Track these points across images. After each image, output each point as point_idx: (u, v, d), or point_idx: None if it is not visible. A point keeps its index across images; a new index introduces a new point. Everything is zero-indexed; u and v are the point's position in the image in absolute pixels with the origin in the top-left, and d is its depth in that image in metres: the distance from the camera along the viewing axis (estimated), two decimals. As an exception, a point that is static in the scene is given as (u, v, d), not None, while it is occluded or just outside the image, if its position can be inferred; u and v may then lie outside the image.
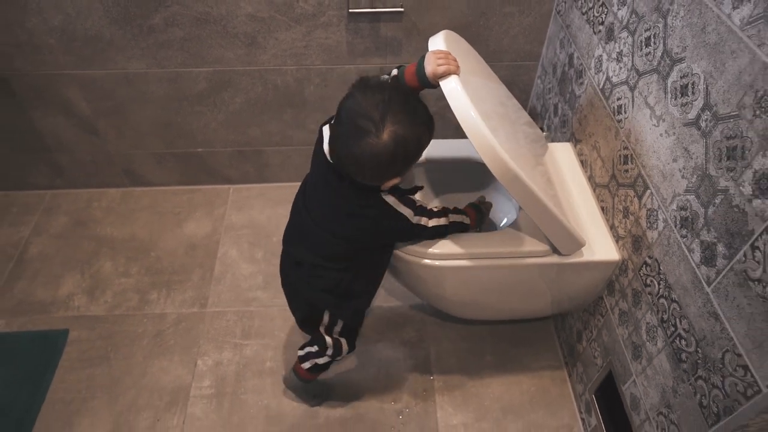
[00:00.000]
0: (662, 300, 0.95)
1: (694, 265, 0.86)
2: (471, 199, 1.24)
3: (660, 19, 0.93)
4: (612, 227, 1.14)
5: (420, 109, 0.91)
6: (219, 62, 1.52)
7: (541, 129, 1.57)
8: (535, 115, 1.64)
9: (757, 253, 0.72)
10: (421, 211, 1.01)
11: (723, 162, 0.78)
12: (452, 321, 1.53)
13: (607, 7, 1.14)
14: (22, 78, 1.52)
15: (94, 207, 1.83)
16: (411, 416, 1.36)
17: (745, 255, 0.74)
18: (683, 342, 0.89)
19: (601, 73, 1.17)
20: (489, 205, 1.22)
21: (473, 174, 1.32)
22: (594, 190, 1.23)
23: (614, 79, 1.11)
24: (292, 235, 1.11)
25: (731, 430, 0.79)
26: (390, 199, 0.96)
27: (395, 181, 0.92)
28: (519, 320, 1.52)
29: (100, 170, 1.81)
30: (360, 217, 0.97)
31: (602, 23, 1.16)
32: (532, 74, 1.61)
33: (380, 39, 1.50)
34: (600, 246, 1.12)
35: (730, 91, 0.76)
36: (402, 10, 1.40)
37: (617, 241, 1.12)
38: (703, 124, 0.82)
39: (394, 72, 1.00)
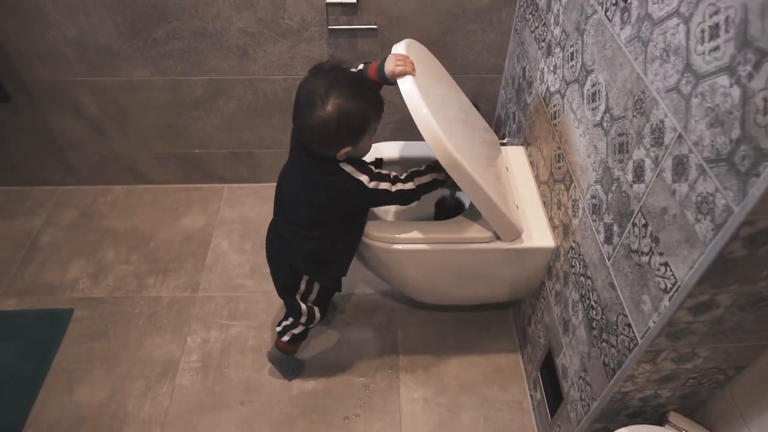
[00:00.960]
0: (581, 278, 1.10)
1: (600, 244, 1.01)
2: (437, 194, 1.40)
3: (579, 37, 1.10)
4: (550, 219, 1.29)
5: (362, 87, 1.06)
6: (214, 71, 1.70)
7: (504, 136, 1.73)
8: (501, 123, 1.80)
9: (635, 229, 0.87)
10: (379, 176, 1.13)
11: (616, 155, 0.94)
12: (419, 308, 1.68)
13: (546, 27, 1.30)
14: (41, 83, 1.71)
15: (100, 202, 2.01)
16: (376, 390, 1.50)
17: (629, 231, 0.89)
18: (593, 312, 1.04)
19: (543, 84, 1.33)
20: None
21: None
22: (538, 187, 1.38)
23: (551, 89, 1.27)
24: (275, 211, 1.29)
25: (623, 380, 0.93)
26: (348, 168, 1.11)
27: (346, 149, 1.07)
28: (480, 307, 1.66)
29: (107, 168, 1.99)
30: (325, 185, 1.13)
31: (544, 40, 1.32)
32: (496, 86, 1.78)
33: (358, 52, 1.67)
34: (539, 235, 1.28)
35: (620, 96, 0.92)
36: (376, 27, 1.58)
37: (553, 230, 1.27)
38: (605, 125, 0.98)
39: (360, 66, 1.17)
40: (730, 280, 0.71)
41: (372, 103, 1.07)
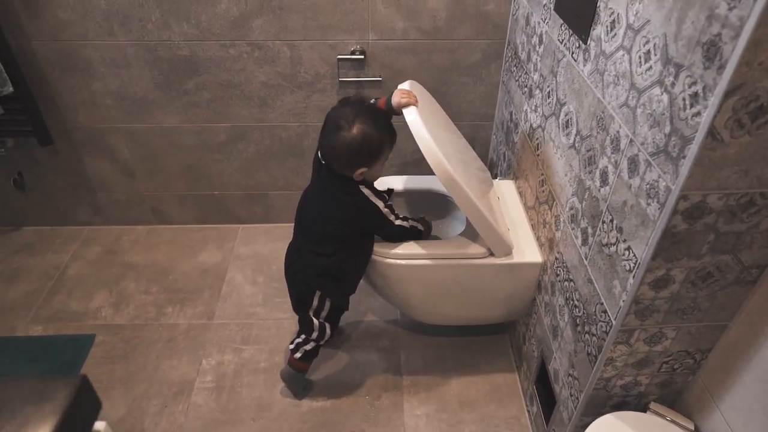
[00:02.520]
0: (565, 282, 1.23)
1: (578, 247, 1.15)
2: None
3: (553, 78, 1.30)
4: (537, 238, 1.44)
5: (383, 119, 1.27)
6: (236, 119, 1.91)
7: (495, 176, 1.92)
8: (493, 165, 1.99)
9: (604, 225, 1.02)
10: (391, 208, 1.34)
11: (586, 168, 1.10)
12: (421, 332, 1.79)
13: (528, 74, 1.52)
14: (82, 129, 1.92)
15: (123, 240, 2.16)
16: (381, 408, 1.58)
17: (599, 229, 1.04)
18: (577, 309, 1.17)
19: (527, 122, 1.53)
20: (430, 223, 1.53)
21: (439, 203, 1.66)
22: (527, 212, 1.54)
23: (534, 125, 1.46)
24: (295, 230, 1.45)
25: (604, 364, 1.04)
26: (366, 191, 1.29)
27: (363, 170, 1.24)
28: (478, 331, 1.77)
29: (132, 209, 2.16)
30: (345, 204, 1.30)
31: (526, 86, 1.53)
32: (488, 132, 1.99)
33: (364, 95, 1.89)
34: (528, 252, 1.42)
35: (587, 119, 1.10)
36: (381, 78, 1.81)
37: (540, 247, 1.42)
38: (577, 145, 1.16)
39: (372, 101, 1.38)
40: (678, 254, 0.85)
41: (389, 131, 1.27)
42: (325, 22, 1.71)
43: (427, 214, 1.65)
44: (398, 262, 1.39)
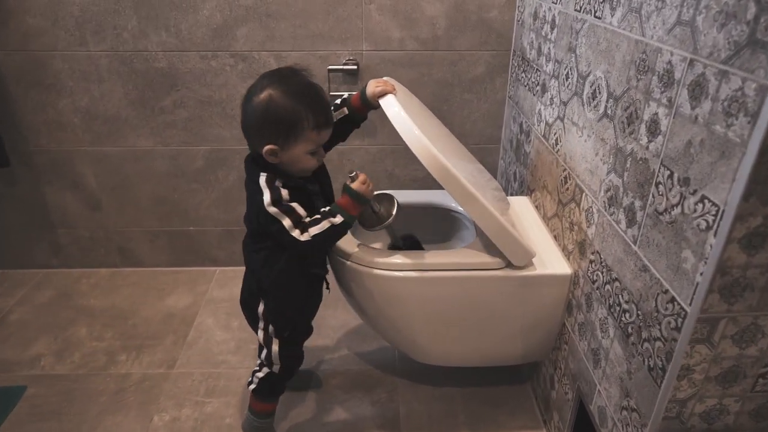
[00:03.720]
0: (607, 286, 0.97)
1: (622, 232, 0.91)
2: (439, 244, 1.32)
3: (572, 55, 1.13)
4: (563, 248, 1.19)
5: (309, 92, 1.00)
6: (216, 141, 1.73)
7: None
8: (504, 192, 1.78)
9: (659, 187, 0.79)
10: (287, 209, 0.98)
11: (626, 130, 0.89)
12: (425, 382, 1.47)
13: (539, 71, 1.35)
14: (44, 153, 1.73)
15: (82, 283, 1.89)
16: (375, 474, 1.24)
17: (652, 195, 0.81)
18: (627, 315, 0.89)
19: (541, 123, 1.34)
20: (358, 176, 1.06)
21: (441, 221, 1.42)
22: (547, 224, 1.31)
23: (550, 120, 1.27)
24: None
25: (677, 377, 0.76)
26: (262, 178, 1.00)
27: (271, 146, 0.98)
28: (493, 380, 1.45)
29: (96, 248, 1.91)
30: (249, 186, 1.05)
31: (538, 84, 1.37)
32: (495, 157, 1.80)
33: (358, 122, 1.72)
34: (553, 264, 1.17)
35: (621, 73, 0.91)
36: (375, 93, 1.65)
37: (568, 258, 1.17)
38: (609, 111, 0.95)
39: (345, 95, 1.18)
40: (782, 189, 0.61)
41: (310, 108, 0.99)
42: (316, 30, 1.59)
43: (426, 233, 1.41)
44: (394, 274, 1.13)
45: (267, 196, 0.99)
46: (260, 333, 1.17)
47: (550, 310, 1.19)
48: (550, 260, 1.18)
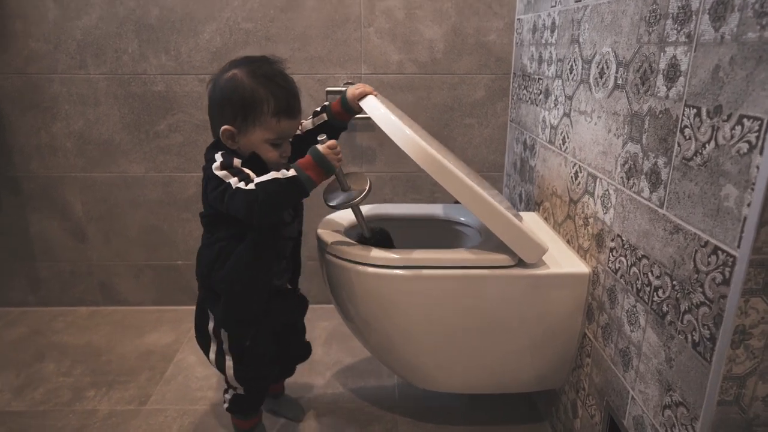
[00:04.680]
0: (633, 269, 0.86)
1: (646, 201, 0.81)
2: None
3: (575, 45, 1.10)
4: (578, 249, 1.09)
5: (271, 74, 0.95)
6: (211, 167, 1.68)
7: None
8: (507, 222, 1.69)
9: (686, 131, 0.71)
10: (237, 170, 0.91)
11: (640, 91, 0.83)
12: (428, 418, 1.29)
13: (541, 79, 1.32)
14: (33, 179, 1.68)
15: (57, 321, 1.75)
16: None
17: (678, 144, 0.73)
18: (660, 292, 0.77)
19: (547, 129, 1.28)
20: (327, 142, 0.94)
21: (445, 233, 1.33)
22: (559, 231, 1.21)
23: (554, 122, 1.22)
24: None
25: (731, 346, 0.63)
26: (218, 154, 0.95)
27: (228, 128, 0.94)
28: (505, 415, 1.27)
29: (77, 283, 1.80)
30: (205, 169, 0.97)
31: (540, 92, 1.33)
32: (499, 184, 1.73)
33: (356, 148, 1.68)
34: (569, 263, 1.05)
35: (629, 37, 0.86)
36: (374, 116, 1.62)
37: (584, 257, 1.06)
38: (620, 80, 0.90)
39: (326, 103, 1.13)
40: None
41: (271, 93, 0.94)
42: (314, 53, 1.59)
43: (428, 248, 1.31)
44: (394, 272, 1.02)
45: (217, 162, 0.93)
46: (212, 355, 1.08)
47: (566, 316, 1.06)
48: (565, 261, 1.07)
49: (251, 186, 0.89)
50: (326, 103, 1.14)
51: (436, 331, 1.07)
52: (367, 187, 1.03)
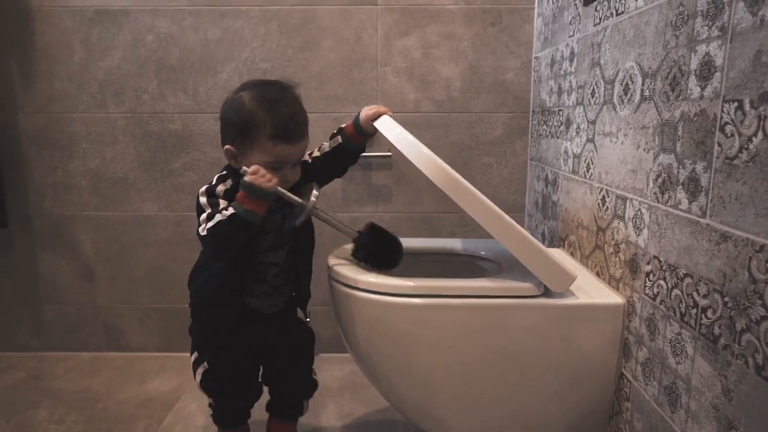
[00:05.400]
0: (675, 291, 0.77)
1: (685, 213, 0.74)
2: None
3: (596, 68, 1.06)
4: (609, 280, 1.00)
5: (275, 98, 0.95)
6: (224, 206, 1.65)
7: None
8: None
9: (727, 128, 0.64)
10: (215, 205, 0.93)
11: (671, 97, 0.78)
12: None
13: (561, 109, 1.29)
14: (45, 217, 1.66)
15: (58, 366, 1.68)
16: None
17: (718, 143, 0.66)
18: (709, 312, 0.68)
19: (569, 159, 1.23)
20: (249, 169, 0.92)
21: (465, 269, 1.25)
22: (587, 265, 1.12)
23: (577, 151, 1.17)
24: None
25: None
26: (217, 176, 1.00)
27: (231, 148, 0.97)
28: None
29: (81, 327, 1.73)
30: None
31: (561, 123, 1.29)
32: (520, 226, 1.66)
33: (372, 187, 1.64)
34: (600, 296, 0.96)
35: (654, 46, 0.82)
36: (390, 154, 1.59)
37: (617, 288, 0.96)
38: (647, 92, 0.85)
39: (342, 125, 1.11)
40: None
41: (270, 116, 0.93)
42: (331, 92, 1.59)
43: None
44: (406, 300, 0.94)
45: (205, 188, 0.96)
46: (192, 358, 1.12)
47: (599, 353, 0.95)
48: (596, 292, 0.97)
49: (203, 232, 0.91)
50: (342, 125, 1.11)
51: (453, 370, 0.97)
52: (315, 189, 1.01)
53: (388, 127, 1.00)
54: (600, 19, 1.05)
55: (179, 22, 1.56)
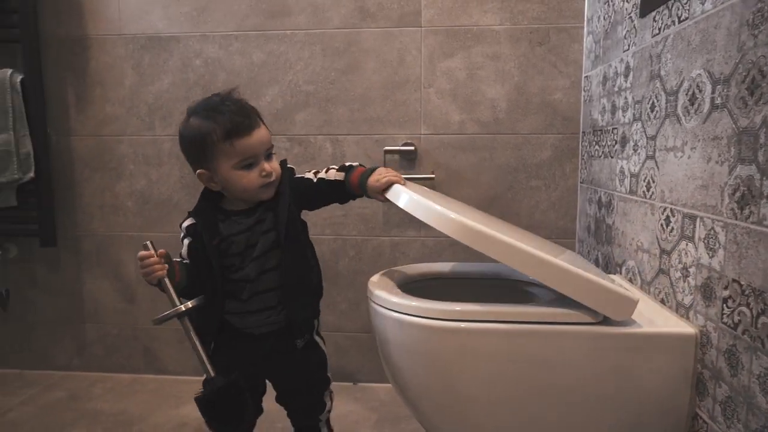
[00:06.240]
0: (762, 319, 0.67)
1: (771, 229, 0.65)
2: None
3: (657, 81, 1.00)
4: (677, 307, 0.90)
5: (213, 105, 0.93)
6: (264, 228, 1.64)
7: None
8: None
9: (824, 128, 0.57)
10: (182, 233, 1.04)
11: (749, 103, 0.70)
12: None
13: (615, 127, 1.22)
14: (92, 237, 1.70)
15: (96, 387, 1.67)
16: None
17: (813, 147, 0.58)
18: (807, 342, 0.59)
19: (625, 179, 1.15)
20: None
21: (513, 293, 1.17)
22: (649, 291, 1.03)
23: (635, 169, 1.09)
24: None
25: None
26: (199, 203, 1.03)
27: (202, 171, 0.96)
28: None
29: (121, 348, 1.74)
30: None
31: (615, 142, 1.22)
32: (570, 253, 1.57)
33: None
34: (667, 325, 0.87)
35: (727, 49, 0.75)
36: (433, 176, 1.55)
37: (686, 316, 0.87)
38: (718, 100, 0.78)
39: (355, 164, 1.05)
40: None
41: (215, 121, 0.91)
42: (373, 114, 1.57)
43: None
44: (456, 325, 0.87)
45: (186, 222, 1.04)
46: None
47: (668, 391, 0.85)
48: (661, 320, 0.88)
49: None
50: (355, 164, 1.06)
51: (498, 402, 0.89)
52: (196, 300, 1.00)
53: (402, 197, 0.95)
54: (659, 29, 0.99)
55: (226, 47, 1.59)
